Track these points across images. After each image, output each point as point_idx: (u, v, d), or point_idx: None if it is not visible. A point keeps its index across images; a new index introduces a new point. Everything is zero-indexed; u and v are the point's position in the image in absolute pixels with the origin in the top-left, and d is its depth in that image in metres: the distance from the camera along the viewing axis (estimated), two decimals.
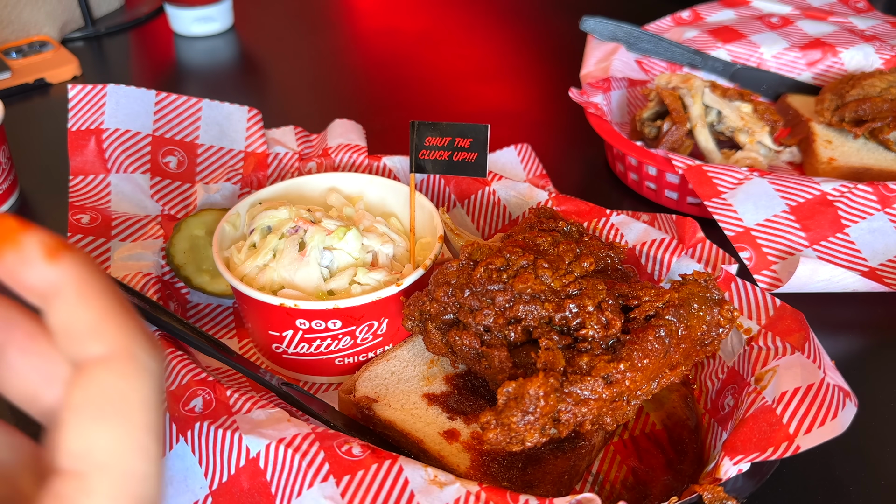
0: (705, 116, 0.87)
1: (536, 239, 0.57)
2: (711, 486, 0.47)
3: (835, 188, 0.73)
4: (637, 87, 0.99)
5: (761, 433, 0.49)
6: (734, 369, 0.57)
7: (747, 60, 1.03)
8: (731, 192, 0.74)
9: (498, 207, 0.75)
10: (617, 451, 0.58)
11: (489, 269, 0.54)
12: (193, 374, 0.55)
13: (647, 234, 0.66)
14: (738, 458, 0.47)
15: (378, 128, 0.95)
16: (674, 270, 0.64)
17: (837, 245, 0.72)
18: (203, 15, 1.26)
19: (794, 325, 0.56)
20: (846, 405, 0.50)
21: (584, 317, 0.51)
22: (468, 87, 1.13)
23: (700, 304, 0.52)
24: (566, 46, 1.21)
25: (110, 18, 1.32)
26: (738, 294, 0.60)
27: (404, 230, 0.69)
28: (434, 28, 1.33)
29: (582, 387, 0.48)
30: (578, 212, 0.70)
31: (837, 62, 1.01)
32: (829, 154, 0.86)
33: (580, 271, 0.54)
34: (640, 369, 0.49)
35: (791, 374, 0.52)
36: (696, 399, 0.60)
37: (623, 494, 0.55)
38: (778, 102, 0.99)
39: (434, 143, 0.62)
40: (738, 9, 1.13)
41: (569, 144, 0.99)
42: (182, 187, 0.80)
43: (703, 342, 0.53)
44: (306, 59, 1.24)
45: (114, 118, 0.79)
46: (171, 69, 1.23)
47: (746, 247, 0.71)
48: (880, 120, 0.84)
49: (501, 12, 1.40)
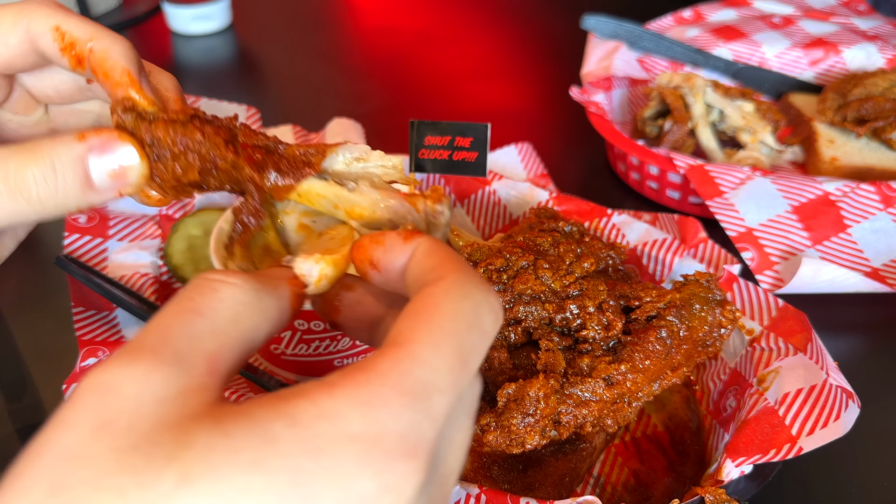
0: (707, 115, 0.86)
1: (537, 239, 0.57)
2: (713, 488, 0.47)
3: (837, 188, 0.72)
4: (638, 86, 0.98)
5: (763, 435, 0.48)
6: (736, 370, 0.57)
7: (749, 59, 1.03)
8: (733, 192, 0.73)
9: (498, 207, 0.74)
10: (618, 453, 0.57)
11: (489, 269, 0.53)
12: None
13: (648, 233, 0.66)
14: (740, 459, 0.47)
15: (377, 127, 0.95)
16: (675, 271, 0.64)
17: (840, 245, 0.72)
18: (201, 13, 1.26)
19: (796, 325, 0.56)
20: (849, 406, 0.49)
21: (584, 318, 0.51)
22: (468, 86, 1.12)
23: (702, 304, 0.52)
24: (567, 45, 1.20)
25: (108, 17, 1.32)
26: (741, 294, 0.60)
27: None
28: (434, 26, 1.33)
29: (583, 388, 0.47)
30: (579, 211, 0.69)
31: (840, 61, 1.01)
32: (832, 153, 0.85)
33: (581, 272, 0.54)
34: (642, 370, 0.49)
35: (793, 376, 0.52)
36: (697, 400, 0.60)
37: (624, 496, 0.54)
38: (780, 101, 0.99)
39: (434, 142, 0.62)
40: (740, 9, 1.12)
41: (570, 144, 0.99)
42: None
43: (704, 343, 0.53)
44: (305, 58, 1.24)
45: None
46: (168, 68, 1.22)
47: (749, 247, 0.71)
48: (883, 119, 0.84)
49: (502, 10, 1.39)
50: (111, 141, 0.37)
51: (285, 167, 0.41)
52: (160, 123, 0.39)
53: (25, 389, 0.63)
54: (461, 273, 0.29)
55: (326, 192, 0.41)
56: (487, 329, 0.28)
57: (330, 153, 0.41)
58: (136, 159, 0.38)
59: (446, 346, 0.26)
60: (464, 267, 0.29)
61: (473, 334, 0.27)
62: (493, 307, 0.28)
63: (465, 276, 0.29)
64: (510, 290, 0.52)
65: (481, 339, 0.27)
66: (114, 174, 0.38)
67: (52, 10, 0.40)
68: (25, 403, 0.62)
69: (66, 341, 0.63)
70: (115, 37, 0.40)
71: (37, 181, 0.36)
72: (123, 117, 0.38)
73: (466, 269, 0.29)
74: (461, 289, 0.28)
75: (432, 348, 0.26)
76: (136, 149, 0.38)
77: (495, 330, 0.28)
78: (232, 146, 0.40)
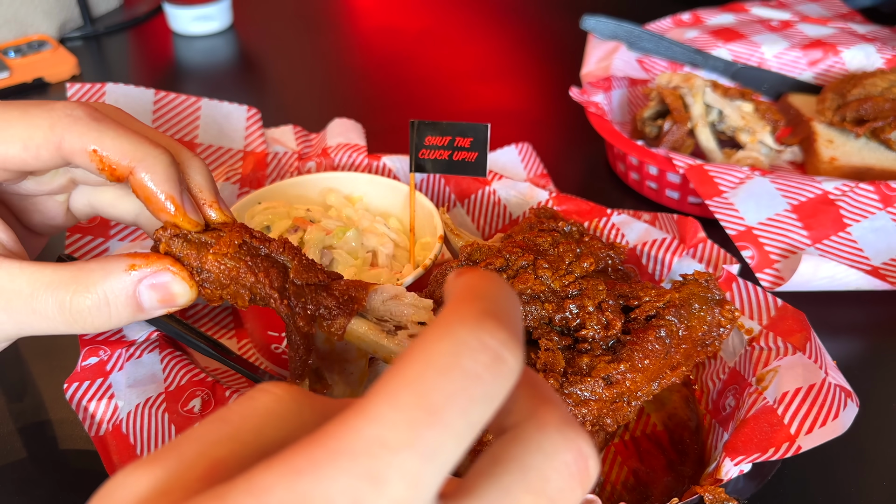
0: (706, 116, 0.86)
1: (536, 239, 0.57)
2: (712, 488, 0.47)
3: (836, 187, 0.73)
4: (638, 87, 0.98)
5: (762, 434, 0.49)
6: (735, 370, 0.57)
7: (748, 60, 1.03)
8: (732, 192, 0.73)
9: (498, 207, 0.75)
10: (618, 453, 0.57)
11: (489, 269, 0.53)
12: (192, 375, 0.55)
13: (648, 233, 0.66)
14: (739, 458, 0.47)
15: (378, 127, 0.95)
16: (675, 270, 0.64)
17: (840, 244, 0.72)
18: (202, 14, 1.26)
19: (795, 325, 0.56)
20: (847, 405, 0.50)
21: (584, 317, 0.51)
22: (468, 86, 1.13)
23: (701, 304, 0.52)
24: (567, 45, 1.20)
25: (109, 17, 1.32)
26: (740, 294, 0.60)
27: (404, 230, 0.69)
28: (434, 27, 1.33)
29: (582, 388, 0.48)
30: (579, 211, 0.69)
31: (839, 62, 1.01)
32: (831, 153, 0.85)
33: (580, 271, 0.54)
34: (641, 370, 0.49)
35: (792, 375, 0.52)
36: (697, 400, 0.60)
37: (624, 495, 0.54)
38: (779, 102, 0.99)
39: (434, 142, 0.62)
40: (738, 14, 1.13)
41: (569, 144, 0.99)
42: None
43: (704, 342, 0.53)
44: (306, 58, 1.24)
45: None
46: (169, 68, 1.22)
47: (748, 245, 0.71)
48: (882, 119, 0.84)
49: (502, 11, 1.40)
50: (161, 272, 0.39)
51: (333, 305, 0.43)
52: (209, 256, 0.40)
53: (26, 389, 0.63)
54: (450, 310, 0.23)
55: (367, 337, 0.44)
56: (476, 371, 0.22)
57: (372, 291, 0.44)
58: (186, 288, 0.40)
59: (404, 396, 0.21)
60: (458, 306, 0.23)
61: (449, 379, 0.21)
62: (484, 345, 0.22)
63: (455, 312, 0.23)
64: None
65: (466, 382, 0.21)
66: (163, 300, 0.39)
67: (86, 126, 0.39)
68: (26, 403, 0.62)
69: (66, 341, 0.63)
70: (155, 155, 0.39)
71: (91, 313, 0.38)
72: (171, 244, 0.40)
73: (461, 308, 0.23)
74: (440, 328, 0.22)
75: (386, 400, 0.21)
76: (185, 280, 0.40)
77: (492, 372, 0.22)
78: (286, 299, 0.42)
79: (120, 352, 0.56)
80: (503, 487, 0.23)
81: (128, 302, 0.38)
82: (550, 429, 0.24)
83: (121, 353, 0.56)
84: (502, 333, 0.22)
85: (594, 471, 0.24)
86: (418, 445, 0.20)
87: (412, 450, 0.20)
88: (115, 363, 0.55)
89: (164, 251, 0.40)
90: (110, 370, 0.55)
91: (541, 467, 0.23)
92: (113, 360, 0.56)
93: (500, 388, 0.22)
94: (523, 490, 0.23)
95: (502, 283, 0.25)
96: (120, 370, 0.55)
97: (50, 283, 0.37)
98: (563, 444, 0.24)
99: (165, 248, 0.40)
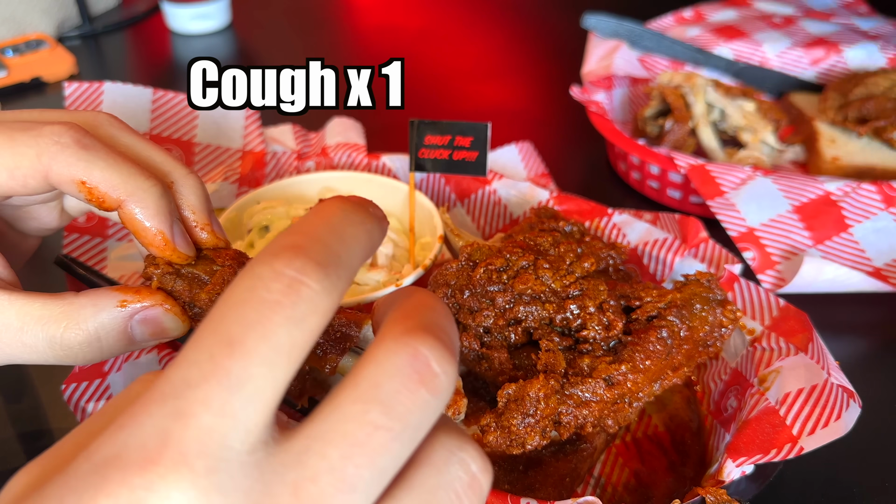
0: (708, 115, 0.86)
1: (537, 239, 0.57)
2: (714, 489, 0.47)
3: (838, 188, 0.72)
4: (639, 85, 0.98)
5: (764, 435, 0.48)
6: (737, 370, 0.57)
7: (750, 58, 1.03)
8: (734, 192, 0.73)
9: (498, 207, 0.74)
10: (619, 454, 0.57)
11: (489, 269, 0.53)
12: None
13: (649, 233, 0.66)
14: (741, 459, 0.47)
15: (377, 126, 0.95)
16: (676, 270, 0.63)
17: (842, 245, 0.71)
18: (200, 12, 1.25)
19: (797, 325, 0.56)
20: (850, 406, 0.49)
21: (585, 318, 0.51)
22: (468, 85, 1.12)
23: (703, 304, 0.52)
24: (567, 44, 1.20)
25: (107, 16, 1.32)
26: (742, 294, 0.60)
27: (404, 230, 0.68)
28: (434, 25, 1.32)
29: (583, 388, 0.47)
30: (580, 211, 0.69)
31: (841, 60, 1.01)
32: (833, 153, 0.85)
33: (581, 272, 0.54)
34: (642, 371, 0.49)
35: (794, 375, 0.52)
36: (698, 400, 0.60)
37: (625, 497, 0.54)
38: (781, 101, 0.98)
39: (434, 141, 0.61)
40: (741, 9, 1.12)
41: (570, 143, 0.98)
42: None
43: (705, 343, 0.52)
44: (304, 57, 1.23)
45: None
46: (168, 67, 1.22)
47: (750, 247, 0.70)
48: (884, 118, 0.83)
49: (502, 9, 1.39)
50: (153, 308, 0.38)
51: (324, 341, 0.43)
52: (203, 294, 0.40)
53: (24, 391, 0.63)
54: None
55: None
56: (273, 298, 0.22)
57: (364, 325, 0.44)
58: (178, 323, 0.39)
59: (205, 336, 0.22)
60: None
61: (245, 310, 0.22)
62: (278, 273, 0.22)
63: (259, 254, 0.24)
64: (510, 290, 0.52)
65: (262, 309, 0.22)
66: (154, 334, 0.39)
67: (74, 156, 0.37)
68: (25, 405, 0.62)
69: None
70: (145, 189, 0.38)
71: (83, 348, 0.37)
72: (164, 280, 0.40)
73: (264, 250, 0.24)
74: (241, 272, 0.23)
75: (191, 344, 0.22)
76: (178, 315, 0.39)
77: (291, 296, 0.22)
78: None
79: None
80: (335, 405, 0.22)
81: (119, 337, 0.38)
82: (388, 339, 0.23)
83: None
84: (299, 261, 0.23)
85: (440, 368, 0.23)
86: (220, 376, 0.21)
87: (214, 381, 0.21)
88: (113, 364, 0.55)
89: (156, 286, 0.40)
90: (108, 371, 0.55)
91: (370, 375, 0.23)
92: (111, 361, 0.55)
93: (306, 309, 0.22)
94: (351, 401, 0.22)
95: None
96: (118, 371, 0.55)
97: (40, 317, 0.37)
98: (396, 349, 0.23)
99: (157, 283, 0.40)
